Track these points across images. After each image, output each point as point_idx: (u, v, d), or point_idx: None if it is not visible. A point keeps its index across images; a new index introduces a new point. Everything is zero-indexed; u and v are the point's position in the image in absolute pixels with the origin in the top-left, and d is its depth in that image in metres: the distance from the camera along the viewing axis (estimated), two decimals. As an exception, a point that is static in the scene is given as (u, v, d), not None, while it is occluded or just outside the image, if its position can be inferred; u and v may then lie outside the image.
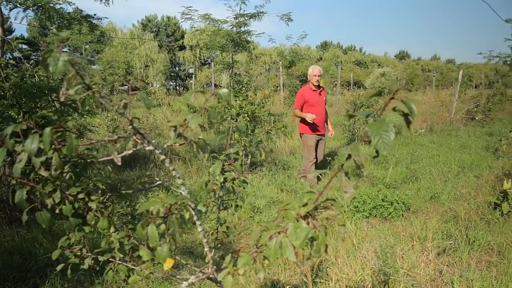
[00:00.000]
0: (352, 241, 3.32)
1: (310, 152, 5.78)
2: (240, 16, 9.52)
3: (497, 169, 6.06)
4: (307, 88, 5.89)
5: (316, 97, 5.76)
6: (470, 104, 13.79)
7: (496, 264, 3.36)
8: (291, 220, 0.82)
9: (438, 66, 48.59)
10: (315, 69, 5.78)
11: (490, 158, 7.51)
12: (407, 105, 0.74)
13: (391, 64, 41.05)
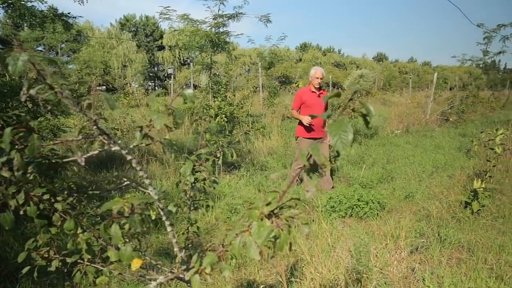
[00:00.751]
0: (327, 241, 3.36)
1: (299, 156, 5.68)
2: (218, 16, 9.51)
3: (469, 169, 6.22)
4: (306, 89, 5.66)
5: (315, 99, 5.51)
6: (444, 106, 14.13)
7: (465, 260, 3.45)
8: (255, 219, 0.83)
9: (415, 68, 49.56)
10: (318, 71, 5.53)
11: (463, 158, 7.71)
12: (365, 106, 0.76)
13: (369, 66, 41.64)
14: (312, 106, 5.47)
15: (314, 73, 5.52)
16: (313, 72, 5.54)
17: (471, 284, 3.03)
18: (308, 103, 5.49)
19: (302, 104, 5.54)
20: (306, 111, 5.48)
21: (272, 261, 1.03)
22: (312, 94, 5.53)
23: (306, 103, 5.50)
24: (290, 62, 34.44)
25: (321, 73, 5.51)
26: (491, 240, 3.88)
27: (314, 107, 5.47)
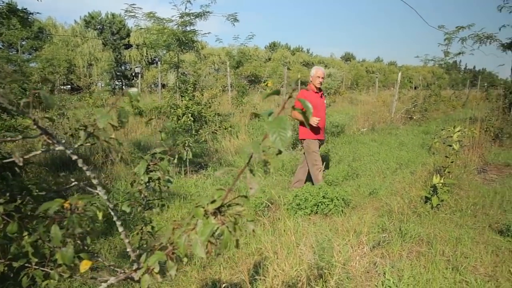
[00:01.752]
0: (291, 238, 3.39)
1: (317, 158, 5.29)
2: (185, 15, 9.43)
3: (430, 165, 6.42)
4: (307, 91, 5.49)
5: (318, 99, 5.33)
6: (408, 104, 14.52)
7: (424, 253, 3.57)
8: (200, 217, 0.83)
9: (381, 68, 50.71)
10: (319, 70, 5.34)
11: (425, 155, 7.97)
12: (303, 103, 0.78)
13: (337, 65, 42.30)
14: (316, 107, 5.22)
15: (315, 72, 5.35)
16: (314, 71, 5.37)
17: (429, 275, 3.14)
18: (313, 104, 5.21)
19: None
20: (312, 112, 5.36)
21: (218, 258, 1.03)
22: (316, 95, 5.37)
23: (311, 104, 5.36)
24: (259, 61, 34.54)
25: (322, 72, 5.36)
26: (448, 233, 4.04)
27: (317, 108, 5.26)
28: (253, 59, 33.09)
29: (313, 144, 5.29)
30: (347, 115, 13.76)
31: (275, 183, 5.68)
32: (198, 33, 9.87)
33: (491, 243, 3.90)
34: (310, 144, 5.29)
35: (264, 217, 4.26)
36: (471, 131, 7.71)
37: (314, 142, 5.29)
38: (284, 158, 6.85)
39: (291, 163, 6.48)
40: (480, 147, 8.20)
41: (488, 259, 3.52)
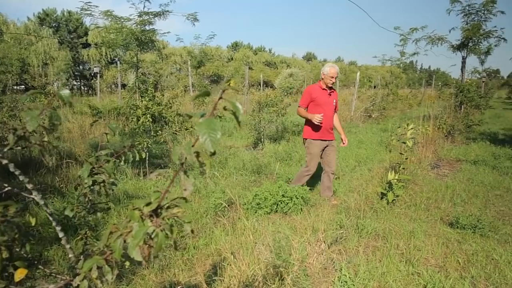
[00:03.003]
0: (249, 238, 3.41)
1: (311, 161, 5.05)
2: (144, 14, 9.25)
3: (386, 162, 6.63)
4: (316, 86, 5.12)
5: (325, 97, 4.99)
6: (367, 103, 14.92)
7: (380, 248, 3.69)
8: (135, 220, 0.82)
9: (342, 68, 51.75)
10: (333, 69, 4.94)
11: (383, 152, 8.21)
12: (233, 104, 0.79)
13: (299, 65, 42.85)
14: (322, 105, 4.96)
15: (329, 70, 4.94)
16: (328, 69, 4.96)
17: (384, 269, 3.24)
18: (318, 101, 4.96)
19: (312, 101, 5.01)
20: (315, 110, 4.93)
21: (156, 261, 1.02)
22: (323, 92, 5.01)
23: (316, 100, 4.97)
24: (221, 61, 34.44)
25: (336, 71, 4.98)
26: (403, 227, 4.18)
27: (324, 106, 4.96)
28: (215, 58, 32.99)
29: (312, 145, 5.04)
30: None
31: (236, 183, 5.68)
32: (157, 32, 9.73)
33: (442, 235, 4.08)
34: (309, 144, 5.07)
35: (224, 217, 4.26)
36: (425, 128, 8.02)
37: (314, 143, 5.02)
38: (244, 158, 6.87)
39: (252, 162, 6.51)
40: (433, 144, 8.54)
41: (439, 251, 3.68)
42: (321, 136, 5.00)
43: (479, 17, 9.86)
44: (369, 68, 46.88)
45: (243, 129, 10.27)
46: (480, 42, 10.63)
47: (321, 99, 4.97)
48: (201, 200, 4.96)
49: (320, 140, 5.01)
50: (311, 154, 5.05)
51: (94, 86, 35.08)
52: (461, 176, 6.66)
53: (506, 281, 3.19)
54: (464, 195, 5.53)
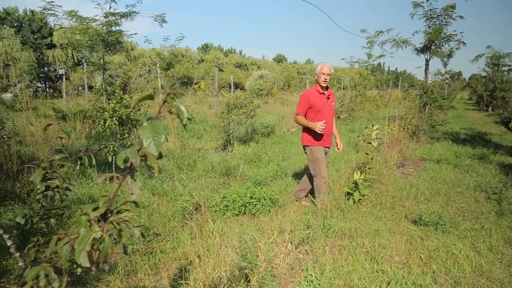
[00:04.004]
0: (215, 240, 3.40)
1: (322, 167, 4.77)
2: (110, 15, 9.10)
3: (353, 162, 6.75)
4: (313, 90, 4.84)
5: (324, 101, 4.76)
6: (336, 104, 15.15)
7: (346, 247, 3.75)
8: (82, 225, 0.81)
9: (312, 69, 52.33)
10: (325, 67, 4.69)
11: (351, 152, 8.36)
12: (176, 108, 0.79)
13: (270, 67, 43.05)
14: (322, 111, 4.73)
15: (321, 69, 4.72)
16: (319, 68, 4.75)
17: (350, 267, 3.30)
18: (317, 107, 4.72)
19: (310, 108, 4.75)
20: (315, 116, 4.71)
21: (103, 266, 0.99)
22: (321, 96, 4.77)
23: (315, 106, 4.72)
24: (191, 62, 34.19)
25: (328, 68, 4.71)
26: (369, 225, 4.27)
27: (324, 112, 4.74)
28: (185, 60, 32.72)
29: (316, 151, 4.78)
30: (278, 116, 14.06)
31: (204, 185, 5.66)
32: (124, 34, 9.58)
33: (406, 232, 4.19)
34: (313, 151, 4.78)
35: (192, 220, 4.23)
36: (391, 129, 8.23)
37: (317, 149, 4.78)
38: (214, 160, 6.85)
39: (221, 164, 6.49)
40: (399, 144, 8.78)
41: (403, 248, 3.78)
42: (323, 142, 4.79)
43: (440, 21, 10.22)
44: (338, 70, 47.53)
45: (213, 131, 10.24)
46: (442, 45, 11.02)
47: (320, 104, 4.72)
48: (168, 203, 4.91)
49: (322, 146, 4.80)
50: (317, 160, 4.78)
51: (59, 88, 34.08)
52: (425, 174, 6.87)
53: (465, 275, 3.31)
54: (427, 193, 5.70)
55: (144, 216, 4.45)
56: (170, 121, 10.75)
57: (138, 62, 31.51)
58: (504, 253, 3.79)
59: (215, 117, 11.68)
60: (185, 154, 7.19)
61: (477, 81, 31.79)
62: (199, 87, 24.00)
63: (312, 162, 4.84)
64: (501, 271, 3.42)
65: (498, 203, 5.32)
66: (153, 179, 5.75)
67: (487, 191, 5.83)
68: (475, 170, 7.17)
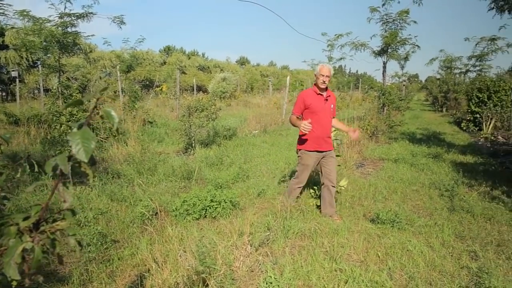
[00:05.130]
0: (174, 245, 3.36)
1: (302, 172, 4.67)
2: (65, 15, 8.81)
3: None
4: (310, 90, 4.67)
5: (321, 102, 4.58)
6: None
7: (306, 247, 3.80)
8: (12, 236, 0.77)
9: (275, 72, 52.87)
10: (324, 68, 4.50)
11: (312, 153, 8.47)
12: (106, 113, 0.77)
13: (233, 69, 43.08)
14: (318, 112, 4.55)
15: (319, 70, 4.52)
16: (318, 69, 4.55)
17: (309, 267, 3.34)
18: (314, 108, 4.55)
19: (306, 109, 4.58)
20: (311, 117, 4.48)
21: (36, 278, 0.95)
22: (318, 97, 4.60)
23: (311, 107, 4.55)
24: (153, 65, 33.64)
25: (328, 70, 4.52)
26: (328, 225, 4.35)
27: (320, 113, 4.57)
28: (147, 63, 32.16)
29: (306, 156, 4.61)
30: (241, 118, 14.08)
31: (165, 189, 5.57)
32: (81, 35, 9.30)
33: (364, 231, 4.29)
34: (303, 155, 4.64)
35: (151, 226, 4.16)
36: (350, 130, 8.39)
37: (308, 154, 4.61)
38: (174, 163, 6.76)
39: (182, 168, 6.42)
40: (358, 144, 8.99)
41: (361, 246, 3.87)
42: (317, 146, 4.58)
43: (396, 25, 10.58)
44: (300, 72, 48.32)
45: (174, 134, 10.12)
46: (398, 48, 11.41)
47: (316, 106, 4.55)
48: (128, 209, 4.80)
49: (315, 151, 4.59)
50: (304, 165, 4.64)
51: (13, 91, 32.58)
52: (383, 174, 7.07)
53: (419, 270, 3.43)
54: (385, 192, 5.88)
55: (102, 223, 4.32)
56: (130, 125, 10.54)
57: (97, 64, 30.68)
58: (454, 247, 3.96)
59: (177, 120, 11.55)
60: (145, 158, 7.05)
61: (432, 83, 33.18)
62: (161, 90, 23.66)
63: (298, 165, 4.74)
64: (452, 264, 3.57)
65: (450, 200, 5.56)
66: (113, 184, 5.61)
67: (441, 188, 6.08)
68: (430, 169, 7.46)
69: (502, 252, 3.87)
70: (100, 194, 5.30)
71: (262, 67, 56.28)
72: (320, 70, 4.51)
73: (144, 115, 12.21)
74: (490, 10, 6.72)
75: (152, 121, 12.55)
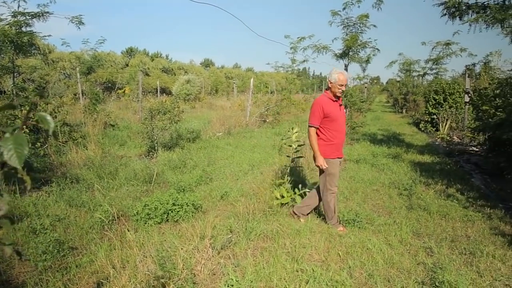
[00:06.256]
0: (134, 250, 3.30)
1: (333, 181, 4.47)
2: (19, 14, 8.48)
3: (277, 165, 6.90)
4: (325, 98, 4.43)
5: (337, 109, 4.42)
6: (262, 108, 15.42)
7: (268, 249, 3.82)
8: None
9: (240, 74, 52.90)
10: (342, 76, 4.33)
11: (276, 155, 8.53)
12: (41, 117, 0.75)
13: (197, 72, 42.76)
14: (337, 119, 4.40)
15: (338, 77, 4.33)
16: (336, 76, 4.34)
17: (271, 269, 3.36)
18: (333, 116, 4.37)
19: (325, 117, 4.37)
20: (332, 126, 4.37)
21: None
22: (335, 104, 4.43)
23: (331, 116, 4.36)
24: (115, 67, 32.89)
25: (346, 79, 4.40)
26: (290, 226, 4.39)
27: (339, 120, 4.43)
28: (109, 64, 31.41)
29: (332, 165, 4.44)
30: (205, 121, 13.99)
31: (126, 194, 5.45)
32: (36, 35, 8.97)
33: (325, 231, 4.36)
34: (330, 165, 4.42)
35: (111, 231, 4.06)
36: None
37: (333, 162, 4.45)
38: (136, 167, 6.63)
39: (144, 172, 6.31)
40: (321, 146, 9.10)
41: (322, 246, 3.93)
42: (338, 154, 4.51)
43: (356, 29, 10.83)
44: (265, 75, 48.56)
45: (137, 137, 9.93)
46: (359, 51, 11.69)
47: (334, 113, 4.38)
48: (87, 214, 4.67)
49: (337, 158, 4.51)
50: (332, 174, 4.46)
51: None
52: (345, 174, 7.21)
53: (378, 267, 3.53)
54: (346, 192, 6.00)
55: (60, 230, 4.18)
56: (91, 128, 10.26)
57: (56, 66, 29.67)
58: (412, 244, 4.10)
59: (140, 123, 11.35)
60: (106, 162, 6.88)
61: (392, 85, 34.24)
62: (123, 92, 23.15)
63: (327, 175, 4.48)
64: (409, 261, 3.69)
65: (408, 198, 5.75)
66: (71, 190, 5.43)
67: (400, 187, 6.28)
68: (389, 169, 7.68)
69: (456, 247, 4.04)
70: (58, 200, 5.12)
71: (227, 69, 56.19)
72: (340, 80, 4.33)
73: (106, 118, 11.91)
74: (443, 16, 7.02)
75: (114, 124, 12.26)
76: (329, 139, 4.39)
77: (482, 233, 4.43)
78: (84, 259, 3.52)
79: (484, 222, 4.79)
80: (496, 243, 4.14)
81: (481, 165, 8.37)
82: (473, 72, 15.80)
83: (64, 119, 9.19)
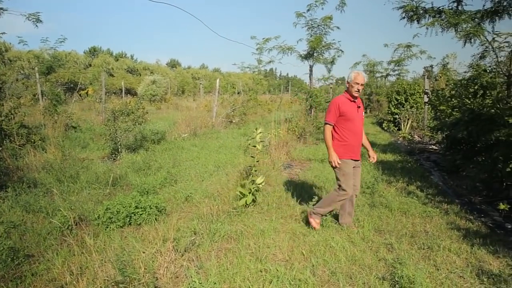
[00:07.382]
0: (94, 256, 3.21)
1: (348, 182, 4.37)
2: (-31, 10, 8.08)
3: (242, 166, 6.90)
4: (343, 97, 4.45)
5: (355, 110, 4.40)
6: (228, 109, 15.39)
7: (232, 249, 3.81)
8: None
9: (206, 74, 52.62)
10: (359, 76, 4.35)
11: (242, 156, 8.54)
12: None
13: (163, 72, 42.20)
14: (353, 120, 4.39)
15: (354, 77, 4.36)
16: (353, 76, 4.37)
17: (235, 270, 3.35)
18: (348, 116, 4.37)
19: (341, 116, 4.38)
20: (346, 125, 4.38)
21: None
22: (352, 104, 4.42)
23: (346, 115, 4.37)
24: (78, 67, 31.96)
25: (362, 78, 4.38)
26: (255, 226, 4.39)
27: (355, 121, 4.41)
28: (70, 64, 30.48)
29: (345, 165, 4.38)
30: (170, 122, 13.81)
31: (88, 197, 5.30)
32: (-11, 33, 8.57)
33: (289, 230, 4.39)
34: (342, 165, 4.38)
35: (71, 236, 3.94)
36: (277, 131, 8.59)
37: (346, 162, 4.39)
38: (98, 170, 6.46)
39: (106, 174, 6.15)
40: (286, 146, 9.20)
41: (286, 245, 3.96)
42: (352, 155, 4.44)
43: (320, 30, 11.01)
44: (232, 75, 48.50)
45: (100, 140, 9.68)
46: (323, 52, 11.88)
47: (351, 113, 4.39)
48: (45, 220, 4.50)
49: (351, 159, 4.44)
50: (346, 174, 4.39)
51: None
52: (310, 174, 7.30)
53: (340, 265, 3.58)
54: (311, 192, 6.06)
55: (15, 237, 4.01)
56: (51, 131, 9.92)
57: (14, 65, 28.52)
58: (374, 241, 4.19)
59: (103, 125, 11.07)
60: (67, 165, 6.67)
61: (357, 86, 34.86)
62: (86, 93, 22.52)
63: (340, 176, 4.42)
64: (371, 257, 3.78)
65: (371, 196, 5.88)
66: (28, 195, 5.23)
67: (363, 186, 6.40)
68: (353, 168, 7.81)
69: (415, 242, 4.16)
70: (13, 205, 4.93)
71: (193, 69, 55.76)
72: (355, 78, 4.35)
73: (67, 119, 11.55)
74: (402, 19, 7.23)
75: (76, 126, 11.90)
76: (343, 139, 4.40)
77: (439, 228, 4.59)
78: (40, 267, 3.39)
79: (441, 218, 4.96)
80: (452, 237, 4.29)
81: (439, 162, 8.67)
82: (431, 73, 16.38)
83: (21, 121, 8.84)
